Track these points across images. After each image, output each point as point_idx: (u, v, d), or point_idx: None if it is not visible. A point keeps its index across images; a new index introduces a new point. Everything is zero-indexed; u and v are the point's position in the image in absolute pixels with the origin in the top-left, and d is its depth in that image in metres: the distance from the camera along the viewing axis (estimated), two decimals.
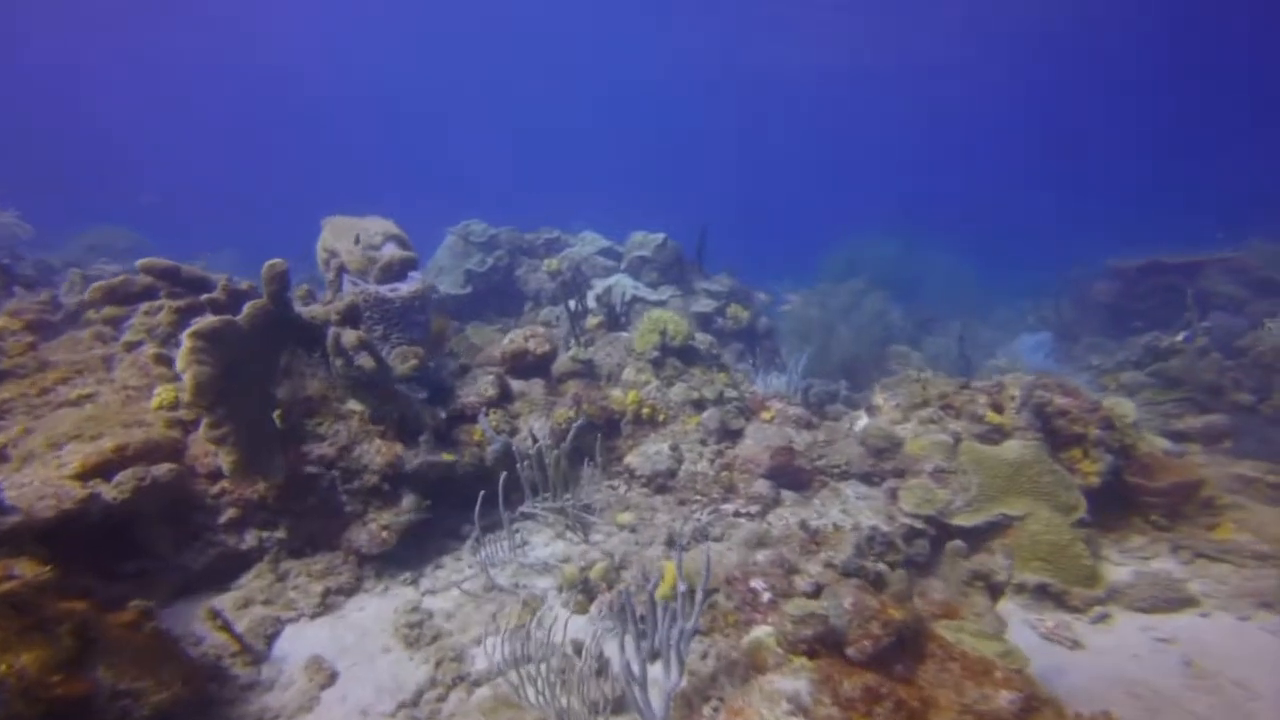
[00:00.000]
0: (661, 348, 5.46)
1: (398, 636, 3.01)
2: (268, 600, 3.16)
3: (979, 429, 4.30)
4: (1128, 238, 16.63)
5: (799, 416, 5.03)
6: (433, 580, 3.45)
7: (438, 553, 3.68)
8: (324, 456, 3.37)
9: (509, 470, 3.79)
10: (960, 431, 4.33)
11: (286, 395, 3.27)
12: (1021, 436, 4.22)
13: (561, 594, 3.09)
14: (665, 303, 8.78)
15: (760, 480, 4.43)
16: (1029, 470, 4.05)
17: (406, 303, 3.69)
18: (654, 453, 4.53)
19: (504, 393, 4.11)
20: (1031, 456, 4.09)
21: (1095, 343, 12.55)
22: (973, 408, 4.42)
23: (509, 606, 3.11)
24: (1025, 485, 4.04)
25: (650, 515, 3.85)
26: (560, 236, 10.74)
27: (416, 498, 3.45)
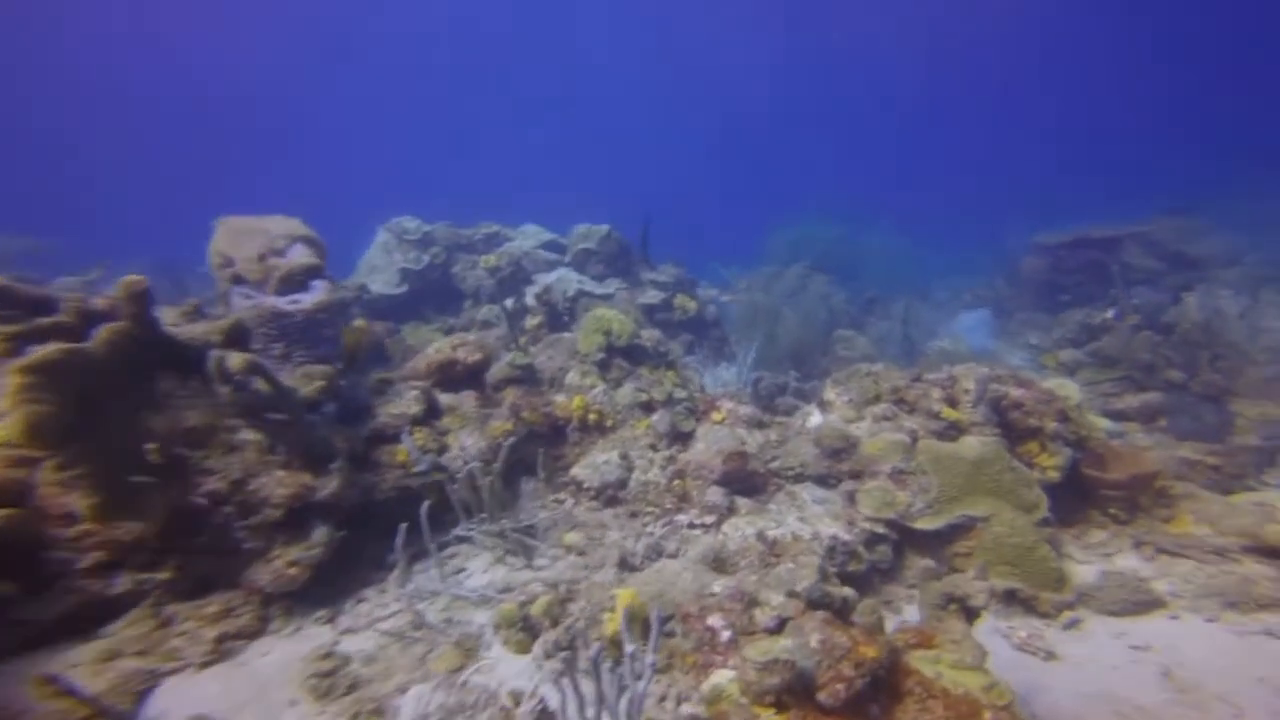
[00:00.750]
0: (607, 348, 5.08)
1: (306, 687, 2.55)
2: (142, 651, 2.64)
3: (935, 425, 4.11)
4: (1059, 214, 17.16)
5: (750, 416, 4.75)
6: (353, 617, 2.99)
7: (360, 585, 3.20)
8: (215, 491, 2.87)
9: (439, 492, 3.36)
10: (916, 429, 4.12)
11: (164, 427, 2.75)
12: (979, 432, 4.05)
13: (499, 632, 2.70)
14: (612, 296, 8.38)
15: (714, 488, 4.12)
16: (989, 468, 3.88)
17: (310, 316, 3.18)
18: (603, 462, 4.16)
19: (430, 408, 3.65)
20: (991, 454, 3.92)
21: (1029, 318, 12.83)
22: (927, 403, 4.23)
23: (440, 647, 2.70)
24: (986, 484, 3.87)
25: (600, 534, 3.49)
26: (500, 231, 10.16)
27: (329, 529, 2.99)
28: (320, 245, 3.82)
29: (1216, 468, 5.09)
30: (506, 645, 2.59)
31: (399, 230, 9.64)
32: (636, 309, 8.36)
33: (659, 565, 3.37)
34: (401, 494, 3.21)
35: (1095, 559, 3.94)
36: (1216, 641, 3.10)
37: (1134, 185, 22.72)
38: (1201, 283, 9.67)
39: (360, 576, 3.18)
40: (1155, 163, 29.16)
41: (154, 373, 2.72)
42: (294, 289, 3.35)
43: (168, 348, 2.74)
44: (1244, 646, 3.07)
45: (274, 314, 3.18)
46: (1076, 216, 14.69)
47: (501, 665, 2.52)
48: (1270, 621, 3.24)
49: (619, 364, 5.07)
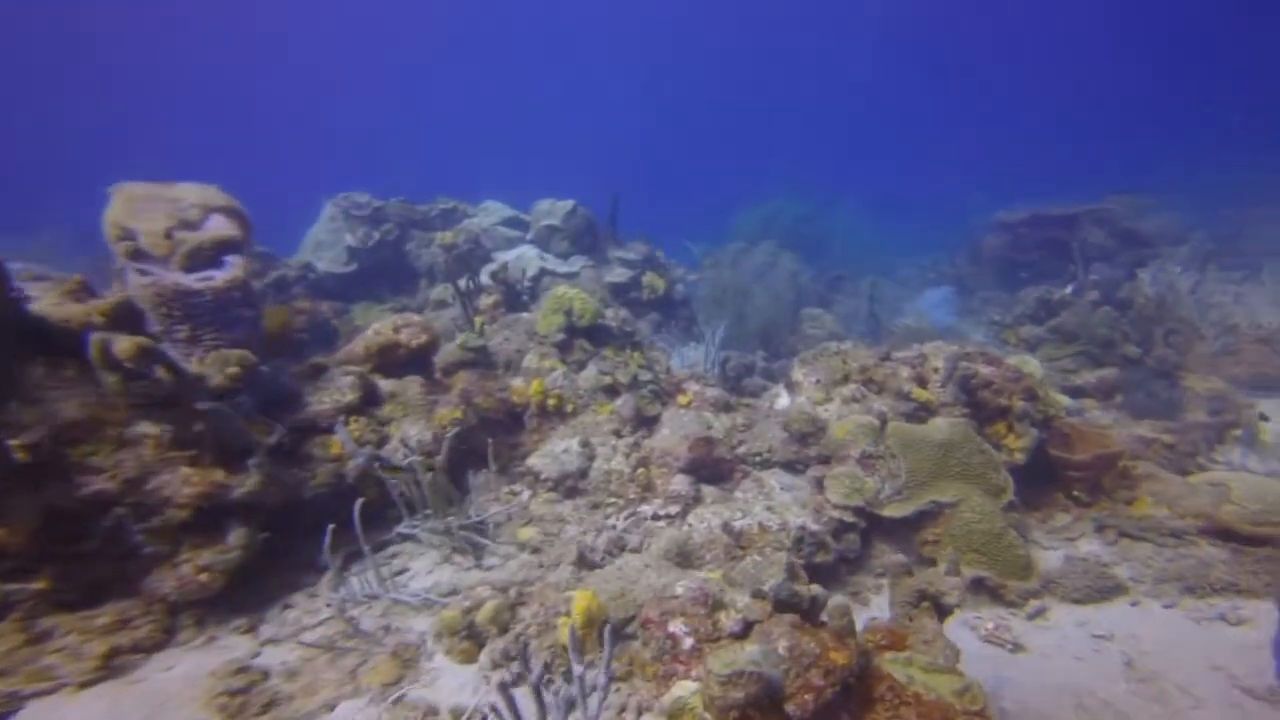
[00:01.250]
0: (568, 329, 4.79)
1: (213, 706, 2.25)
2: (3, 671, 2.30)
3: (905, 407, 3.96)
4: (1020, 193, 17.35)
5: (717, 399, 4.54)
6: (278, 626, 2.67)
7: (288, 590, 2.89)
8: (103, 492, 2.51)
9: (379, 487, 3.06)
10: (886, 410, 3.97)
11: (34, 420, 2.38)
12: (948, 413, 3.91)
13: (441, 640, 2.44)
14: (577, 275, 8.04)
15: (679, 476, 3.91)
16: (958, 451, 3.75)
17: (222, 295, 2.80)
18: (561, 451, 3.90)
19: (369, 395, 3.32)
20: (960, 436, 3.78)
21: (990, 296, 12.93)
22: (896, 383, 4.07)
23: (374, 658, 2.42)
24: (955, 468, 3.74)
25: (558, 528, 3.24)
26: (458, 207, 9.66)
27: (248, 530, 2.65)
28: (243, 217, 3.41)
29: (1171, 446, 5.10)
30: (449, 655, 2.34)
31: (348, 205, 9.08)
32: (603, 288, 8.05)
33: (620, 562, 3.15)
34: (335, 490, 2.89)
35: (1059, 544, 3.87)
36: (1175, 628, 3.07)
37: (1091, 164, 23.16)
38: (1154, 259, 9.81)
39: (289, 580, 2.86)
40: (1110, 143, 29.79)
41: (17, 359, 2.34)
42: (205, 265, 2.95)
43: (35, 331, 2.36)
44: (1200, 633, 3.06)
45: (179, 292, 2.79)
46: (1036, 195, 14.85)
47: (444, 677, 2.27)
48: (1224, 606, 3.23)
49: (581, 345, 4.79)
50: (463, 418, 3.50)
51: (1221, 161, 17.33)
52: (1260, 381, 6.46)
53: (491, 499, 3.29)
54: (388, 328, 3.62)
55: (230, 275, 2.85)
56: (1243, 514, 3.91)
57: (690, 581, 2.45)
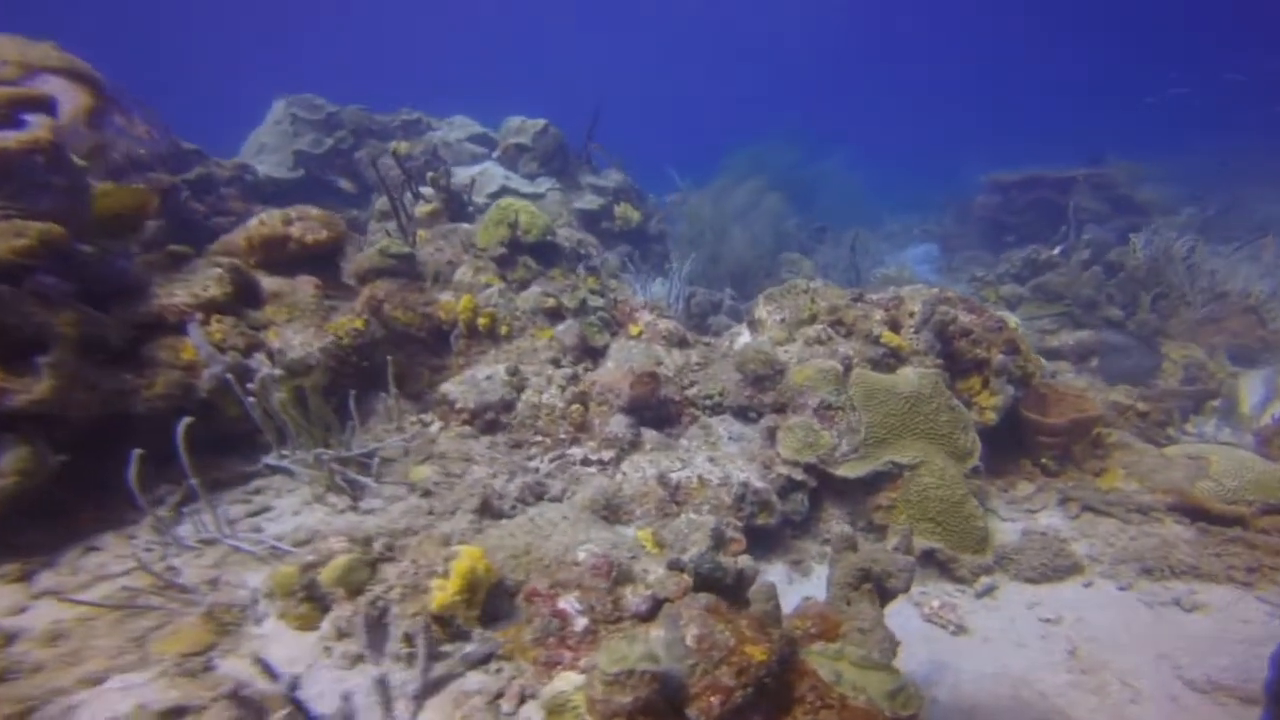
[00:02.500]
0: (510, 243, 4.14)
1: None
2: None
3: (873, 352, 3.45)
4: (1006, 155, 16.57)
5: (671, 332, 3.99)
6: (68, 573, 2.07)
7: (101, 528, 2.28)
8: None
9: (240, 405, 2.49)
10: (852, 355, 3.45)
11: None
12: (919, 363, 3.42)
13: (275, 602, 1.94)
14: (542, 197, 7.28)
15: (618, 416, 3.40)
16: (925, 406, 3.28)
17: (21, 157, 2.13)
18: (484, 378, 3.35)
19: (244, 293, 2.67)
20: (929, 388, 3.30)
21: (974, 255, 12.42)
22: (867, 325, 3.54)
23: (180, 619, 1.87)
24: (920, 425, 3.28)
25: (463, 468, 2.73)
26: (422, 118, 8.71)
27: (31, 451, 2.06)
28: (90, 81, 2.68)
29: (1145, 414, 4.71)
30: (284, 619, 1.86)
31: (299, 107, 8.11)
32: (570, 213, 7.33)
33: (535, 512, 2.66)
34: (179, 404, 2.30)
35: (1019, 515, 3.48)
36: (1126, 613, 2.72)
37: (1073, 135, 22.25)
38: (1147, 227, 9.30)
39: (107, 516, 2.27)
40: (1098, 116, 28.55)
41: None
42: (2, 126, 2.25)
43: None
44: (1151, 619, 2.73)
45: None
46: (1030, 158, 14.18)
47: (273, 646, 1.78)
48: (1180, 590, 2.89)
49: (525, 263, 4.16)
50: (364, 329, 2.91)
51: (1219, 140, 16.72)
52: (1241, 352, 6.08)
53: (391, 429, 2.76)
54: (277, 218, 2.95)
55: (28, 135, 2.16)
56: (1218, 490, 3.54)
57: (595, 546, 1.97)
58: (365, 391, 2.99)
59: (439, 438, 3.00)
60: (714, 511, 2.96)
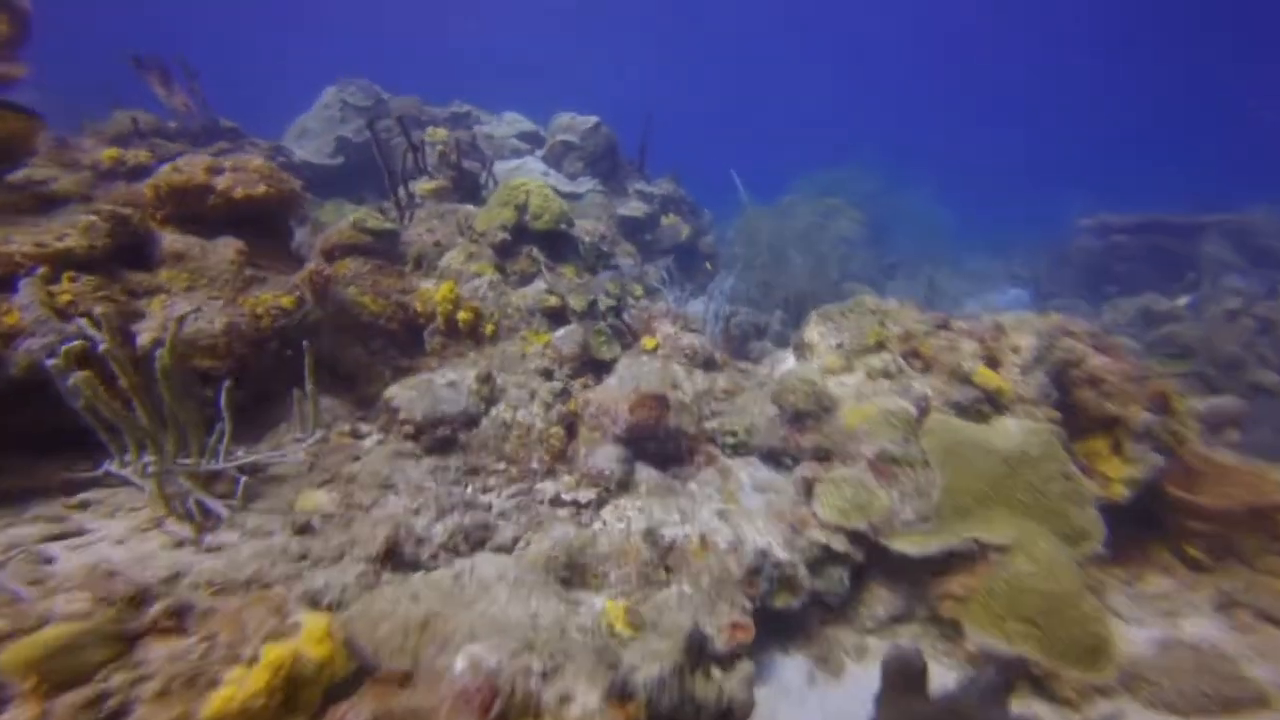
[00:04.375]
0: (516, 229, 3.54)
1: None
2: None
3: (961, 394, 2.59)
4: (1106, 191, 15.03)
5: (695, 349, 3.25)
6: None
7: None
8: None
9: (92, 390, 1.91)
10: (930, 395, 2.61)
11: None
12: (1026, 413, 2.54)
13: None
14: (581, 198, 6.76)
15: (609, 447, 2.68)
16: (1031, 471, 2.40)
17: None
18: (445, 384, 2.71)
19: (126, 249, 2.07)
20: (1038, 448, 2.42)
21: (1070, 303, 11.12)
22: (954, 359, 2.69)
23: None
24: (1020, 495, 2.39)
25: (374, 497, 2.07)
26: (472, 111, 8.45)
27: None
28: (14, 10, 2.27)
29: None
30: None
31: (349, 93, 8.01)
32: (611, 219, 6.76)
33: (466, 565, 1.96)
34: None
35: (1151, 618, 2.52)
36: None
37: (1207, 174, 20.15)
38: None
39: None
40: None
41: None
42: None
43: None
44: None
45: None
46: (1137, 200, 12.78)
47: None
48: None
49: (530, 254, 3.55)
50: (293, 309, 2.34)
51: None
52: None
53: (305, 439, 2.15)
54: (199, 164, 2.41)
55: None
56: None
57: (485, 653, 1.25)
58: (291, 389, 2.39)
59: (369, 454, 2.36)
60: (716, 585, 2.17)
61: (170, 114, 6.28)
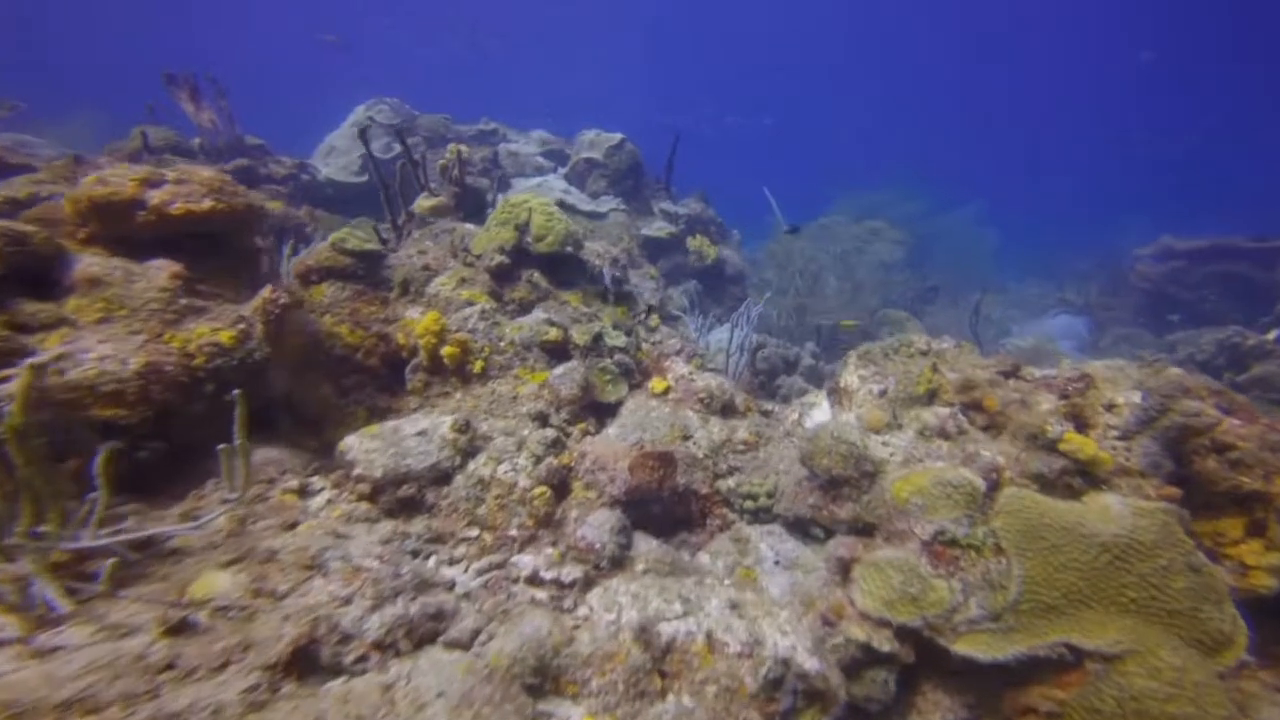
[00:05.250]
0: (515, 251, 3.16)
1: None
2: None
3: (1042, 464, 2.06)
4: (1166, 215, 14.02)
5: (711, 393, 2.78)
6: None
7: None
8: None
9: None
10: (1001, 464, 2.09)
11: None
12: (1134, 489, 2.00)
13: None
14: (603, 217, 6.41)
15: (603, 512, 2.22)
16: (1143, 562, 1.85)
17: None
18: (415, 433, 2.31)
19: (21, 270, 1.72)
20: (1152, 534, 1.87)
21: (1129, 334, 10.28)
22: (1029, 418, 2.16)
23: None
24: (1130, 591, 1.84)
25: (296, 582, 1.64)
26: (499, 129, 8.25)
27: None
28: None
29: None
30: None
31: (381, 110, 7.91)
32: (633, 239, 6.38)
33: (402, 670, 1.54)
34: None
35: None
36: None
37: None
38: None
39: None
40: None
41: None
42: None
43: None
44: None
45: None
46: (1197, 222, 11.84)
47: None
48: None
49: (531, 279, 3.16)
50: (234, 345, 1.97)
51: None
52: None
53: (234, 500, 1.76)
54: (129, 175, 2.07)
55: None
56: None
57: None
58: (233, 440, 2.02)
59: (313, 518, 1.96)
60: (724, 699, 1.69)
61: (197, 130, 6.22)
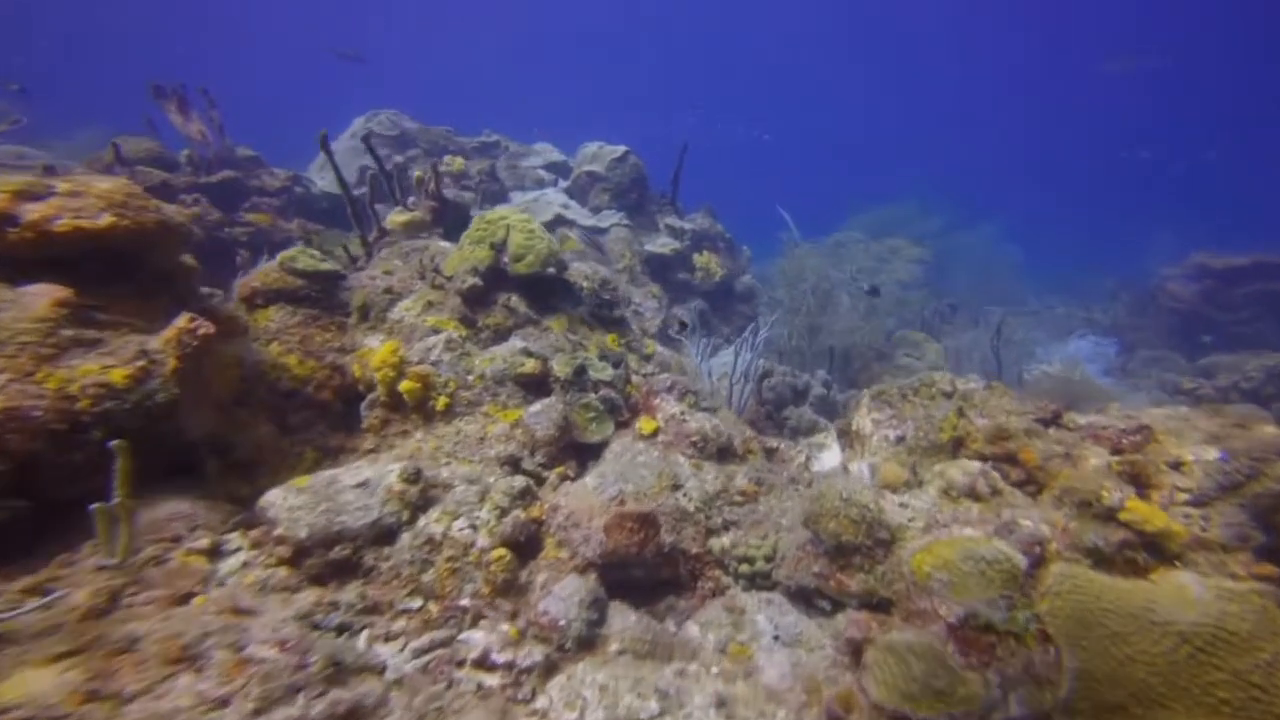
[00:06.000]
0: (490, 272, 2.87)
1: None
2: None
3: (1097, 536, 1.70)
4: (1192, 231, 13.47)
5: (705, 435, 2.46)
6: None
7: None
8: None
9: None
10: (1046, 535, 1.74)
11: None
12: (1215, 566, 1.64)
13: None
14: (605, 232, 6.14)
15: (573, 580, 1.90)
16: (1236, 654, 1.49)
17: None
18: (353, 485, 2.00)
19: None
20: (1247, 621, 1.51)
21: (1159, 356, 9.79)
22: (1078, 479, 1.82)
23: None
24: (1221, 691, 1.48)
25: (155, 680, 1.34)
26: (501, 141, 8.04)
27: None
28: None
29: None
30: None
31: (380, 121, 7.75)
32: (635, 256, 6.11)
33: None
34: None
35: None
36: None
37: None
38: None
39: None
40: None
41: None
42: None
43: None
44: None
45: None
46: (1235, 238, 11.34)
47: None
48: None
49: (509, 304, 2.87)
50: (126, 385, 1.68)
51: None
52: None
53: (111, 565, 1.46)
54: (7, 185, 1.78)
55: None
56: None
57: None
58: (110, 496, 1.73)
59: (217, 587, 1.66)
60: None
61: (186, 142, 6.08)
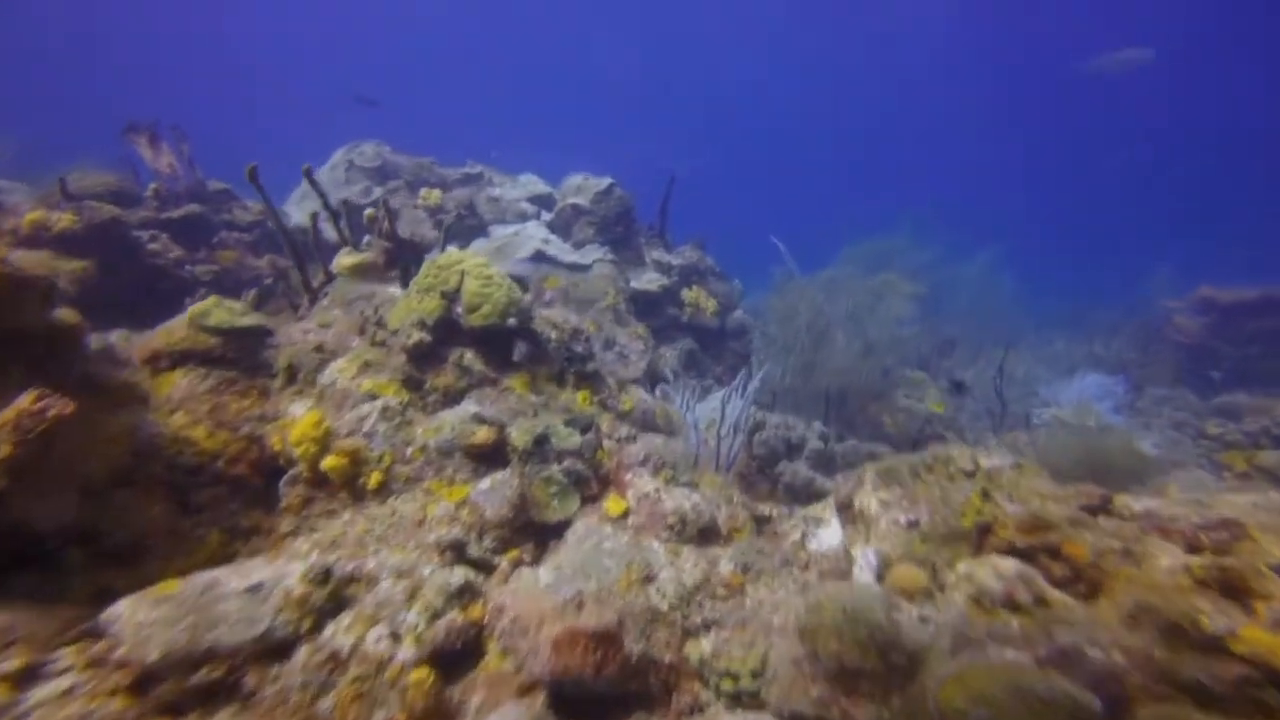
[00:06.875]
0: (440, 325, 2.55)
1: None
2: None
3: (1198, 666, 1.36)
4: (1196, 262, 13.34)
5: (683, 516, 2.10)
6: None
7: None
8: None
9: None
10: (1123, 667, 1.38)
11: None
12: None
13: None
14: (587, 268, 5.86)
15: (510, 708, 1.54)
16: None
17: None
18: (241, 589, 1.64)
19: None
20: None
21: (1169, 395, 9.51)
22: (1157, 599, 1.46)
23: None
24: None
25: None
26: (484, 172, 7.84)
27: None
28: None
29: None
30: None
31: (360, 153, 7.56)
32: (619, 292, 5.82)
33: None
34: None
35: None
36: None
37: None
38: None
39: None
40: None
41: None
42: None
43: None
44: None
45: None
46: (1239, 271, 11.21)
47: None
48: None
49: (460, 361, 2.53)
50: None
51: None
52: None
53: None
54: None
55: None
56: None
57: None
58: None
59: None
60: None
61: (154, 176, 5.84)
